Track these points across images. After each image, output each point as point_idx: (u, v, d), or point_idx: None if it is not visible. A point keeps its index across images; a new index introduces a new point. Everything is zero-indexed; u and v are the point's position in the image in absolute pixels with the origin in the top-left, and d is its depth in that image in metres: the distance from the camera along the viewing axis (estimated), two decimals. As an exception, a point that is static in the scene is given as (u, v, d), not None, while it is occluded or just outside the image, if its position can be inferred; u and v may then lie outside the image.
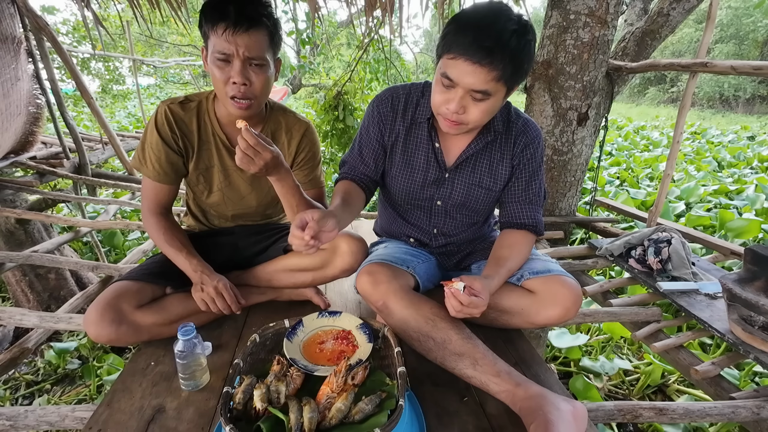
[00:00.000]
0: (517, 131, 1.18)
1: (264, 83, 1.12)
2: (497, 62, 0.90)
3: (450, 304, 0.97)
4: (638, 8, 2.91)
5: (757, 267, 1.29)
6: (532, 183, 1.21)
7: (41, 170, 2.93)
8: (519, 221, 1.21)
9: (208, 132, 1.24)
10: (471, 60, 0.91)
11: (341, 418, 0.79)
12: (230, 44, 1.03)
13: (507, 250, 1.16)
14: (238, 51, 1.04)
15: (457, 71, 0.94)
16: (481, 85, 0.94)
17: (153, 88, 15.24)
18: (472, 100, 0.98)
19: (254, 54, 1.06)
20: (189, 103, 1.22)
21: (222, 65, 1.06)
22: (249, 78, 1.07)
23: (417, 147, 1.21)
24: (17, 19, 2.54)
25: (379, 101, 1.21)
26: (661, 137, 8.84)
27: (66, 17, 12.83)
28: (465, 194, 1.23)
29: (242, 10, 1.02)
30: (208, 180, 1.29)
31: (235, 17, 1.01)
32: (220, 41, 1.03)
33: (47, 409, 1.01)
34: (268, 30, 1.07)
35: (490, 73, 0.92)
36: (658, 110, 17.82)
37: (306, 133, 1.31)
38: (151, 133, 1.18)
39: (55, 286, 2.90)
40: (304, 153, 1.31)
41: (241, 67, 1.05)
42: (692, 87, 2.07)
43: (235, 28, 1.01)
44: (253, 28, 1.04)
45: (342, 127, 4.62)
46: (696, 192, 4.38)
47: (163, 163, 1.19)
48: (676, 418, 1.08)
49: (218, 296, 1.16)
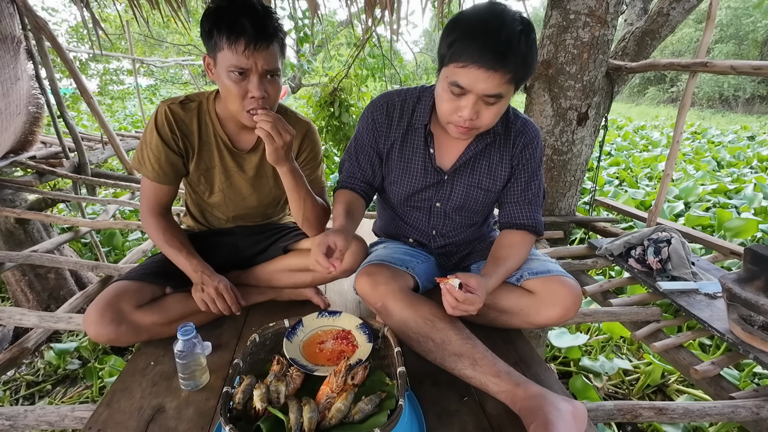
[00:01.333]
0: (516, 131, 1.18)
1: (278, 92, 1.13)
2: (510, 66, 0.90)
3: (446, 300, 0.97)
4: (638, 8, 2.91)
5: (757, 267, 1.29)
6: (532, 183, 1.21)
7: (41, 170, 2.93)
8: (518, 221, 1.21)
9: (209, 132, 1.23)
10: (485, 67, 0.90)
11: (341, 418, 0.79)
12: (248, 60, 1.02)
13: (506, 250, 1.16)
14: (257, 66, 1.03)
15: (468, 79, 0.93)
16: (495, 89, 0.93)
17: (152, 87, 15.23)
18: (484, 104, 0.98)
19: (271, 67, 1.06)
20: (189, 103, 1.21)
21: (238, 79, 1.05)
22: (267, 90, 1.08)
23: (413, 153, 1.20)
24: (16, 19, 2.53)
25: (374, 107, 1.21)
26: (661, 137, 8.84)
27: (65, 17, 12.84)
28: (464, 196, 1.22)
29: (261, 27, 1.01)
30: (210, 181, 1.29)
31: (255, 34, 1.00)
32: (237, 57, 1.01)
33: (47, 409, 1.01)
34: (279, 42, 1.08)
35: (503, 77, 0.92)
36: (657, 110, 17.83)
37: (308, 133, 1.30)
38: (150, 133, 1.17)
39: (55, 285, 2.90)
40: (306, 153, 1.31)
41: (258, 81, 1.05)
42: (692, 87, 2.07)
43: (256, 45, 1.00)
44: (272, 42, 1.04)
45: (337, 124, 4.62)
46: (695, 191, 4.38)
47: (162, 163, 1.18)
48: (676, 417, 1.08)
49: (218, 297, 1.16)
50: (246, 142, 1.26)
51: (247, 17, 0.99)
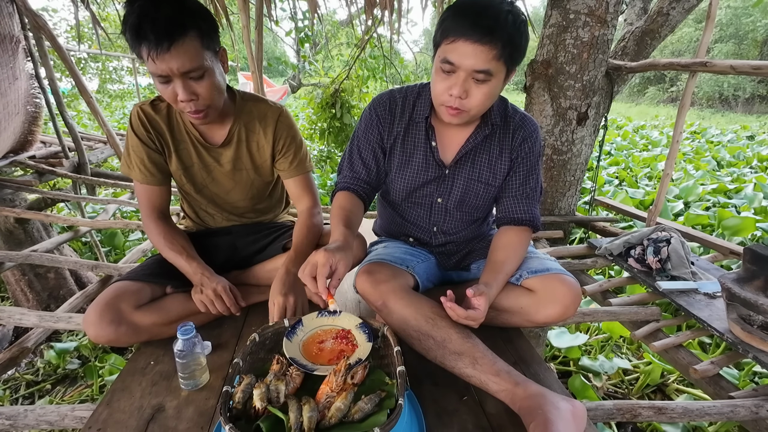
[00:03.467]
0: (515, 125, 1.19)
1: (210, 89, 1.06)
2: (497, 40, 0.93)
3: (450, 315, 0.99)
4: (638, 7, 2.91)
5: (756, 266, 1.29)
6: (530, 178, 1.21)
7: (40, 169, 2.92)
8: (516, 216, 1.21)
9: (182, 131, 1.23)
10: (472, 39, 0.93)
11: (341, 417, 0.79)
12: (161, 64, 0.96)
13: (503, 252, 1.15)
14: (172, 70, 0.97)
15: (457, 54, 0.95)
16: (483, 64, 0.95)
17: (152, 87, 15.21)
18: (474, 82, 0.99)
19: (189, 67, 0.99)
20: (160, 103, 1.21)
21: (164, 86, 1.02)
22: (194, 91, 1.03)
23: (415, 147, 1.21)
24: (15, 18, 2.53)
25: (376, 104, 1.21)
26: (661, 137, 8.83)
27: (64, 17, 12.81)
28: (465, 190, 1.23)
29: (159, 28, 0.93)
30: (191, 178, 1.29)
31: (154, 38, 0.93)
32: (150, 64, 0.97)
33: (47, 408, 1.01)
34: (196, 33, 0.99)
35: (491, 51, 0.94)
36: (657, 110, 17.82)
37: (280, 118, 1.28)
38: (130, 136, 1.18)
39: (55, 285, 2.90)
40: (283, 139, 1.29)
41: (182, 84, 1.00)
42: (692, 86, 2.07)
43: (157, 49, 0.94)
44: (177, 42, 0.95)
45: (339, 125, 4.62)
46: (694, 191, 4.38)
47: (147, 164, 1.19)
48: (675, 417, 1.08)
49: (217, 298, 1.16)
50: (218, 137, 1.26)
51: (147, 21, 0.92)
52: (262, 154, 1.30)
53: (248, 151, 1.29)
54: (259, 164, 1.32)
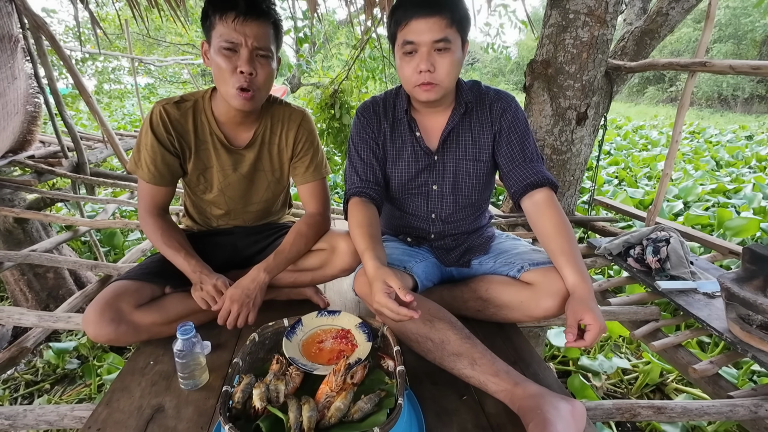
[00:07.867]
0: (491, 99, 1.24)
1: (268, 75, 1.13)
2: (445, 11, 1.04)
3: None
4: (637, 8, 2.91)
5: (756, 266, 1.29)
6: (526, 143, 1.21)
7: (40, 169, 2.92)
8: (531, 180, 1.17)
9: (206, 131, 1.23)
10: (424, 15, 1.03)
11: (340, 417, 0.79)
12: (239, 33, 1.05)
13: (556, 240, 1.09)
14: (246, 41, 1.06)
15: (415, 32, 1.05)
16: (440, 33, 1.04)
17: (151, 87, 15.20)
18: (437, 54, 1.07)
19: (261, 44, 1.08)
20: (184, 103, 1.21)
21: (229, 54, 1.07)
22: (255, 68, 1.09)
23: (403, 141, 1.26)
24: (14, 18, 2.53)
25: (361, 111, 1.29)
26: (660, 136, 8.84)
27: (63, 17, 12.81)
28: (455, 171, 1.26)
29: (253, 3, 1.05)
30: (209, 180, 1.28)
31: (244, 6, 1.04)
32: (228, 30, 1.05)
33: (46, 408, 1.01)
34: (273, 23, 1.11)
35: (442, 20, 1.04)
36: (656, 109, 17.83)
37: (302, 122, 1.31)
38: (146, 134, 1.17)
39: (54, 285, 2.90)
40: (302, 143, 1.31)
41: (248, 56, 1.07)
42: (691, 86, 2.07)
43: (245, 17, 1.04)
44: (262, 18, 1.07)
45: (338, 126, 4.60)
46: (694, 191, 4.38)
47: (158, 164, 1.18)
48: (675, 416, 1.08)
49: (218, 294, 1.15)
50: (242, 139, 1.27)
51: None
52: (282, 157, 1.32)
53: (269, 153, 1.31)
54: (278, 167, 1.33)
